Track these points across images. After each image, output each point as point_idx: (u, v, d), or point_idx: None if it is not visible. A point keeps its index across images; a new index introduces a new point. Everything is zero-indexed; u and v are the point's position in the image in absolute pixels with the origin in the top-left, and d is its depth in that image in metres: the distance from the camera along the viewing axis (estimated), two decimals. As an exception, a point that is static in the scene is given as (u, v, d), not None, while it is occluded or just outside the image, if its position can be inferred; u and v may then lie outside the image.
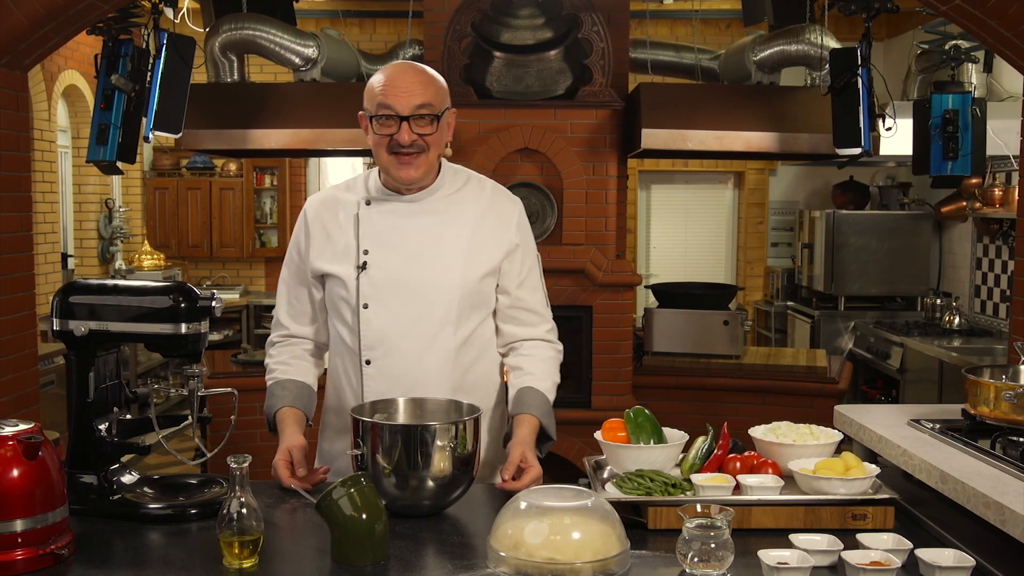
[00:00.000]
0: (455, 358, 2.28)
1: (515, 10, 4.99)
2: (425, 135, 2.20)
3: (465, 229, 2.30)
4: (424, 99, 2.18)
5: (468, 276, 2.27)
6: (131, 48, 4.33)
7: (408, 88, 2.17)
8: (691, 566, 1.67)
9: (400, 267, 2.26)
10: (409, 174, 2.23)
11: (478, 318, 2.33)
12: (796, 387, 5.20)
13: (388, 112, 2.17)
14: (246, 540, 1.70)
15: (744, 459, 2.04)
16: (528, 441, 2.23)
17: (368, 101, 2.23)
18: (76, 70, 7.56)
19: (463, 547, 1.82)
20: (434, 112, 2.20)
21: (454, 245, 2.28)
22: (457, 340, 2.28)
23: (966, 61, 5.65)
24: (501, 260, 2.33)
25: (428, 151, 2.22)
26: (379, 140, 2.22)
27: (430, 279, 2.26)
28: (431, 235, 2.28)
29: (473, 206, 2.33)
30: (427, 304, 2.25)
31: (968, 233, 6.92)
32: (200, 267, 9.01)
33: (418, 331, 2.25)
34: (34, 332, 3.91)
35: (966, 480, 1.87)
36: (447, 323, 2.26)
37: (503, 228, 2.34)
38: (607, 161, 5.05)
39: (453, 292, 2.26)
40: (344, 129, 5.04)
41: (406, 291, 2.25)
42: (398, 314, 2.25)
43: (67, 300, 2.02)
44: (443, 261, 2.27)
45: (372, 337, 2.25)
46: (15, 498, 1.69)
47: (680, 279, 6.85)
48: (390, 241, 2.27)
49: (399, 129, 2.17)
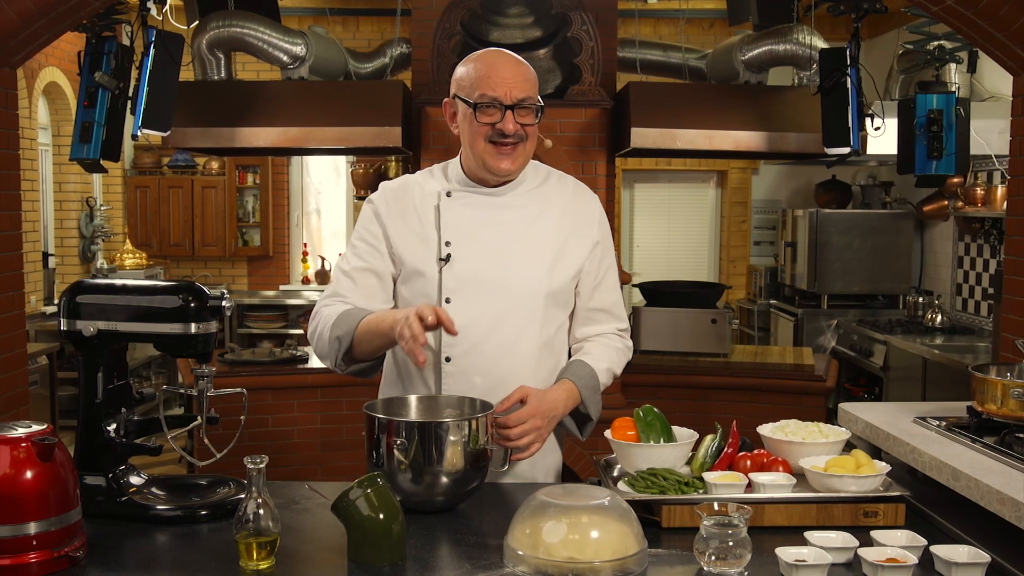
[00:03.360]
0: (537, 359, 2.22)
1: (504, 9, 4.99)
2: (527, 125, 2.16)
3: (551, 226, 2.25)
4: (528, 91, 2.16)
5: (555, 274, 2.22)
6: (115, 45, 4.28)
7: (513, 78, 2.15)
8: (709, 564, 1.68)
9: (485, 262, 2.19)
10: (507, 165, 2.18)
11: (560, 319, 2.28)
12: (784, 385, 5.22)
13: (493, 100, 2.13)
14: (263, 541, 1.69)
15: (754, 457, 2.05)
16: (549, 397, 2.15)
17: (465, 89, 2.17)
18: (57, 67, 7.49)
19: (479, 547, 1.82)
20: (538, 102, 2.17)
21: (541, 241, 2.22)
22: (541, 340, 2.22)
23: (950, 61, 5.70)
24: (585, 259, 2.28)
25: (527, 142, 2.18)
26: (477, 129, 2.16)
27: (517, 276, 2.19)
28: (517, 230, 2.22)
29: (557, 202, 2.29)
30: (513, 302, 2.19)
31: (949, 232, 6.99)
32: (182, 266, 8.95)
33: (503, 328, 2.18)
34: (23, 332, 3.87)
35: (979, 477, 1.89)
36: (532, 322, 2.20)
37: (586, 226, 2.30)
38: (596, 160, 5.05)
39: (540, 290, 2.20)
40: (333, 127, 5.01)
41: (491, 287, 2.18)
42: (482, 310, 2.17)
43: (75, 300, 2.00)
44: (531, 258, 2.21)
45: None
46: (29, 500, 1.67)
47: (663, 278, 6.87)
48: (474, 234, 2.21)
49: (503, 118, 2.13)
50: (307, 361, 5.23)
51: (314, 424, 5.15)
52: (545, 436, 2.20)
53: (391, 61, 5.66)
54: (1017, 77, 3.69)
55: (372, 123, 4.97)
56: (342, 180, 9.26)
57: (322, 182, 9.41)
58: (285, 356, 5.22)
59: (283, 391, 5.09)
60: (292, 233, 9.19)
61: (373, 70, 5.73)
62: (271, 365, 5.14)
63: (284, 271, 9.14)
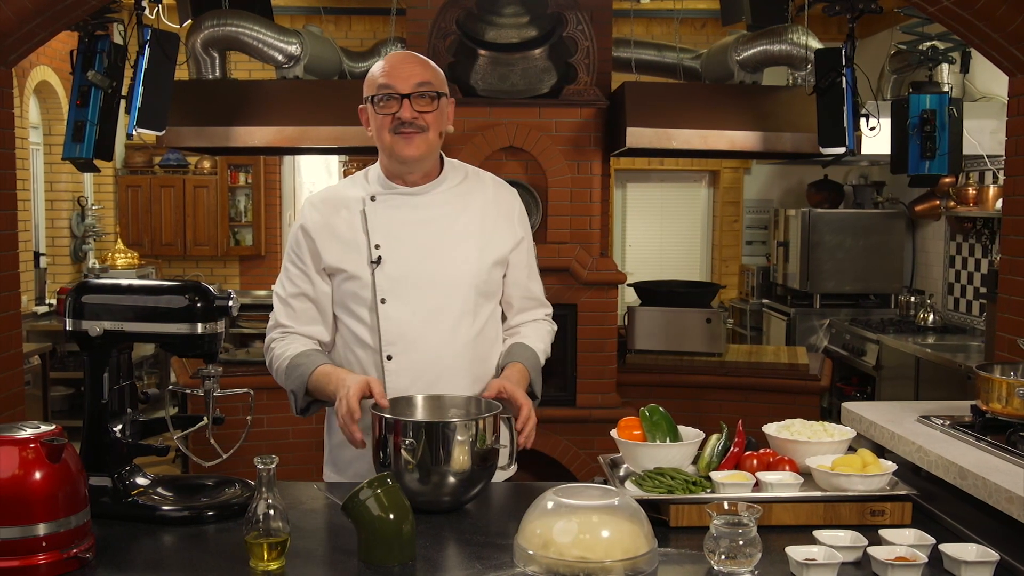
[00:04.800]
0: (473, 349, 2.29)
1: (500, 8, 4.99)
2: (425, 112, 2.21)
3: (474, 221, 2.32)
4: (424, 78, 2.21)
5: (482, 266, 2.30)
6: (108, 44, 4.27)
7: (407, 68, 2.22)
8: (720, 563, 1.68)
9: (415, 261, 2.27)
10: (411, 151, 2.22)
11: (490, 307, 2.36)
12: (779, 384, 5.24)
13: (389, 91, 2.20)
14: (274, 542, 1.69)
15: (760, 456, 2.06)
16: (515, 380, 2.25)
17: (368, 88, 2.25)
18: (48, 66, 7.45)
19: (488, 546, 1.82)
20: (434, 90, 2.22)
21: (466, 236, 2.30)
22: (474, 330, 2.30)
23: (943, 62, 5.73)
24: (510, 251, 2.36)
25: (428, 131, 2.23)
26: (381, 122, 2.23)
27: (446, 271, 2.27)
28: (442, 227, 2.30)
29: (478, 198, 2.36)
30: (445, 296, 2.26)
31: (941, 231, 7.02)
32: (174, 266, 8.91)
33: (439, 323, 2.26)
34: (19, 332, 3.85)
35: (986, 475, 1.90)
36: (465, 314, 2.28)
37: (507, 219, 2.38)
38: (591, 160, 5.06)
39: (469, 283, 2.28)
40: (328, 127, 5.01)
41: (423, 284, 2.26)
42: (417, 307, 2.25)
43: (80, 300, 1.99)
44: (458, 252, 2.28)
45: (393, 332, 2.24)
46: (38, 502, 1.66)
47: (656, 277, 6.88)
48: (401, 236, 2.28)
49: (400, 107, 2.19)
50: (302, 361, 5.21)
51: (309, 424, 5.13)
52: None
53: (386, 60, 5.65)
54: (1013, 77, 3.71)
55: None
56: (334, 180, 9.24)
57: (314, 182, 9.38)
58: (280, 356, 5.20)
59: (278, 391, 4.99)
60: (284, 233, 9.16)
61: (367, 69, 5.72)
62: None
63: (276, 271, 8.98)
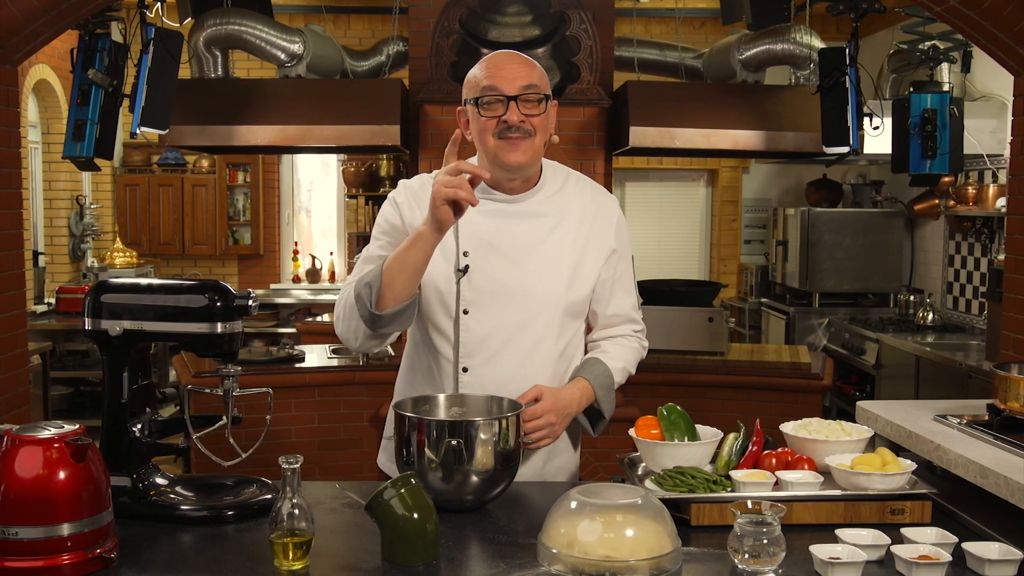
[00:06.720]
0: (553, 368, 2.22)
1: (503, 7, 4.99)
2: (532, 116, 2.13)
3: (569, 233, 2.23)
4: (530, 80, 2.14)
5: (574, 287, 2.22)
6: (108, 42, 4.25)
7: (513, 70, 2.14)
8: (744, 562, 1.69)
9: (504, 272, 2.18)
10: (518, 158, 2.14)
11: (575, 327, 2.28)
12: (781, 383, 5.24)
13: (495, 94, 2.12)
14: (298, 541, 1.69)
15: (779, 455, 2.06)
16: (564, 396, 2.17)
17: (470, 90, 2.17)
18: (47, 64, 7.42)
19: (511, 545, 1.82)
20: (541, 92, 2.15)
21: (559, 252, 2.21)
22: (557, 351, 2.22)
23: (944, 61, 5.75)
24: (601, 268, 2.28)
25: (535, 135, 2.15)
26: (485, 125, 2.14)
27: (535, 287, 2.19)
28: (536, 239, 2.21)
29: (576, 207, 2.27)
30: (531, 312, 2.18)
31: (940, 230, 7.04)
32: (172, 265, 8.90)
33: (520, 340, 2.18)
34: (24, 332, 3.84)
35: (1008, 474, 1.91)
36: (549, 333, 2.20)
37: (604, 232, 2.29)
38: (594, 159, 5.06)
39: (558, 301, 2.20)
40: (331, 126, 5.00)
41: (510, 297, 2.17)
42: (501, 321, 2.17)
43: (99, 299, 1.98)
44: (550, 269, 2.20)
45: (472, 344, 2.17)
46: (63, 502, 1.65)
47: (654, 276, 6.89)
48: (492, 244, 2.19)
49: (507, 110, 2.11)
50: (304, 360, 5.21)
51: (311, 423, 5.13)
52: (559, 432, 2.21)
53: (388, 59, 5.65)
54: (1019, 77, 3.72)
55: (370, 122, 4.95)
56: (332, 178, 9.23)
57: (312, 181, 9.38)
58: (282, 355, 5.20)
59: (280, 390, 5.04)
60: (283, 232, 9.16)
61: (370, 68, 5.72)
62: (268, 364, 5.12)
63: (275, 270, 9.11)
